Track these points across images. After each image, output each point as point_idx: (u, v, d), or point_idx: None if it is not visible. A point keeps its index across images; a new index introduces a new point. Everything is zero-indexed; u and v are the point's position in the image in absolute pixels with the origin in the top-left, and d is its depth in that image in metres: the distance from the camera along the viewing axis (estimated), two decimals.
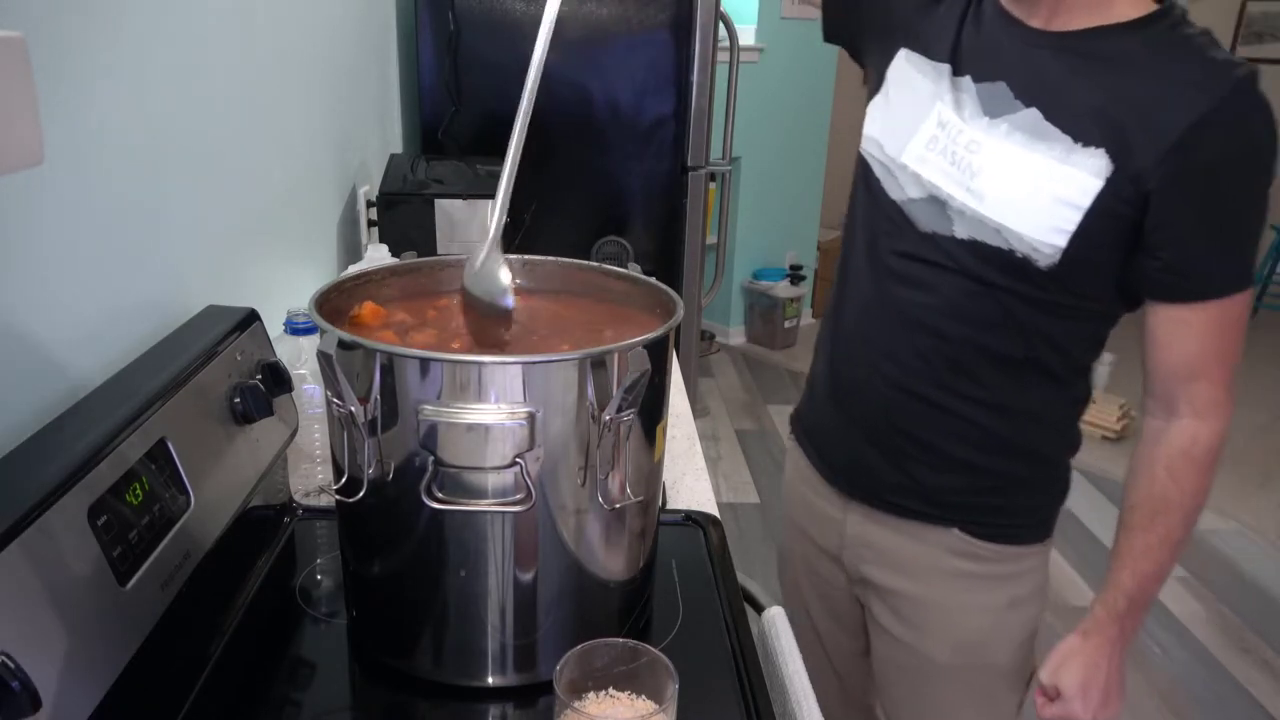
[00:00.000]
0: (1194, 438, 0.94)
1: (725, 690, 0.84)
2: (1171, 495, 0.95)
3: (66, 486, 0.63)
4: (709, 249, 2.83)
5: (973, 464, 1.03)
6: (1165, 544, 0.96)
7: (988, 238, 0.93)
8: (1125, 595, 0.98)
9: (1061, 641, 1.03)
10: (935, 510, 1.06)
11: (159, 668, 0.73)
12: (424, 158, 1.76)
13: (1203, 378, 0.93)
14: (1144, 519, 0.96)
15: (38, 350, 0.74)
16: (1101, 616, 1.00)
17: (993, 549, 1.05)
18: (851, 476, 1.13)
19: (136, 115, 0.88)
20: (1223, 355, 0.93)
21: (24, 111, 0.47)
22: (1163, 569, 0.98)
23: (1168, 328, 0.93)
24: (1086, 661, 1.00)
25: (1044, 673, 1.03)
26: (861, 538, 1.13)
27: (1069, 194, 0.89)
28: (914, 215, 0.99)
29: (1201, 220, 0.88)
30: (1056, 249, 0.90)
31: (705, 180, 2.29)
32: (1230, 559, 2.94)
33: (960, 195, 0.94)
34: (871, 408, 1.07)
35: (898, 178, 1.01)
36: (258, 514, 0.97)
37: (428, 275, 0.99)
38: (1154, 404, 0.97)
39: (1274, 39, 5.83)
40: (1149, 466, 0.97)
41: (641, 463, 0.82)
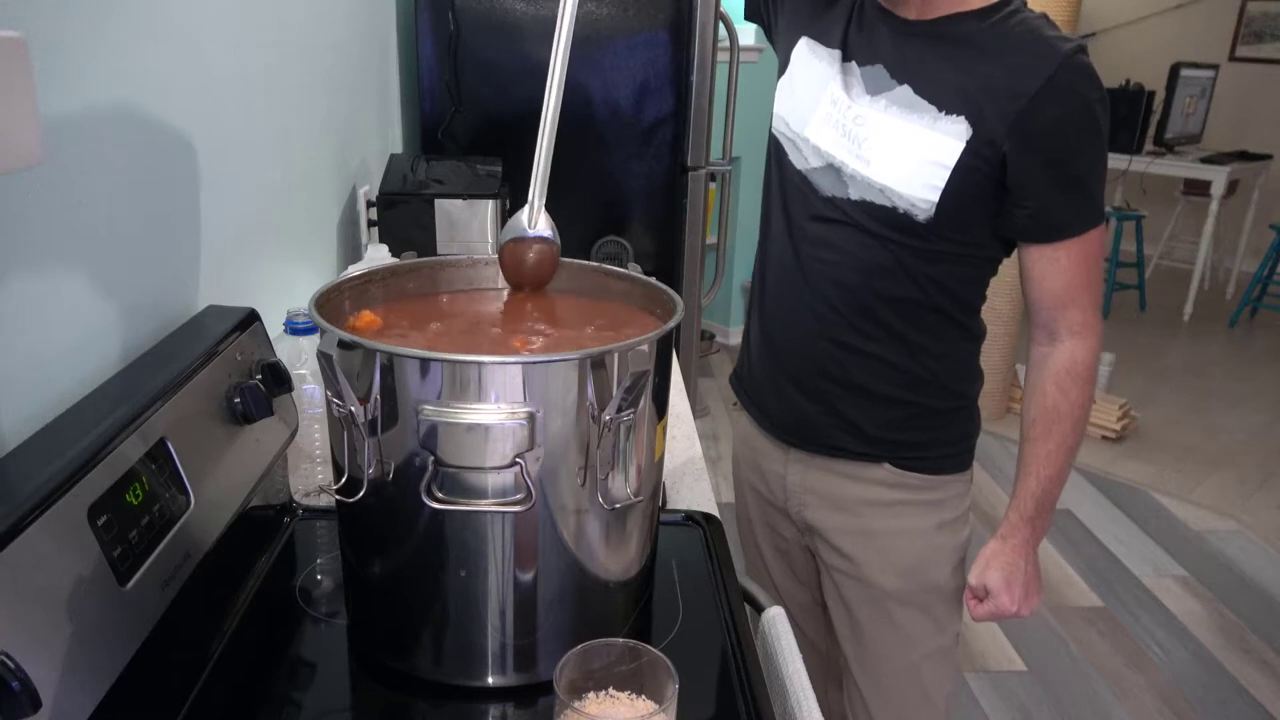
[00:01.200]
0: (1074, 356, 1.10)
1: (725, 690, 0.84)
2: (1062, 407, 1.10)
3: (66, 486, 0.63)
4: (709, 249, 2.83)
5: (893, 398, 1.16)
6: (1062, 449, 1.11)
7: (874, 197, 1.08)
8: (1033, 499, 1.13)
9: (983, 548, 1.17)
10: (867, 448, 1.18)
11: (159, 668, 0.73)
12: (424, 158, 1.76)
13: (1075, 305, 1.08)
14: (1042, 431, 1.11)
15: (38, 350, 0.74)
16: (1015, 520, 1.14)
17: (920, 479, 1.18)
18: (790, 426, 1.23)
19: (136, 115, 0.88)
20: (1089, 283, 1.08)
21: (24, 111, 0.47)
22: (1061, 472, 1.12)
23: (1040, 265, 1.08)
24: (1007, 561, 1.14)
25: (971, 575, 1.17)
26: (803, 484, 1.24)
27: (937, 155, 1.04)
28: (817, 182, 1.13)
29: (1053, 174, 1.03)
30: (930, 203, 1.05)
31: (705, 180, 2.29)
32: (1230, 559, 2.94)
33: (852, 162, 1.09)
34: (800, 358, 1.19)
35: (801, 150, 1.15)
36: (258, 514, 0.97)
37: (428, 275, 0.99)
38: (1038, 332, 1.13)
39: (1274, 39, 5.83)
40: (1041, 385, 1.12)
41: (641, 463, 0.82)
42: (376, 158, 1.85)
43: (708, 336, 4.72)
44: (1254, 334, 5.20)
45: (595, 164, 2.19)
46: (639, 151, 2.19)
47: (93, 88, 0.80)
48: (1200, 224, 5.31)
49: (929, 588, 1.21)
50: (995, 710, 2.23)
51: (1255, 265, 5.40)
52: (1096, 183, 1.06)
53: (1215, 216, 5.18)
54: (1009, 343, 3.60)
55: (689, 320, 2.47)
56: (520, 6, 2.06)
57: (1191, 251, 5.68)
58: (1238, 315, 5.31)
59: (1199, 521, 3.14)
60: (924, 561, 1.20)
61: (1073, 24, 3.40)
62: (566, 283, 1.01)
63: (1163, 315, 5.35)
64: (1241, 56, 5.92)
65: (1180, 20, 5.98)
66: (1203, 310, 5.37)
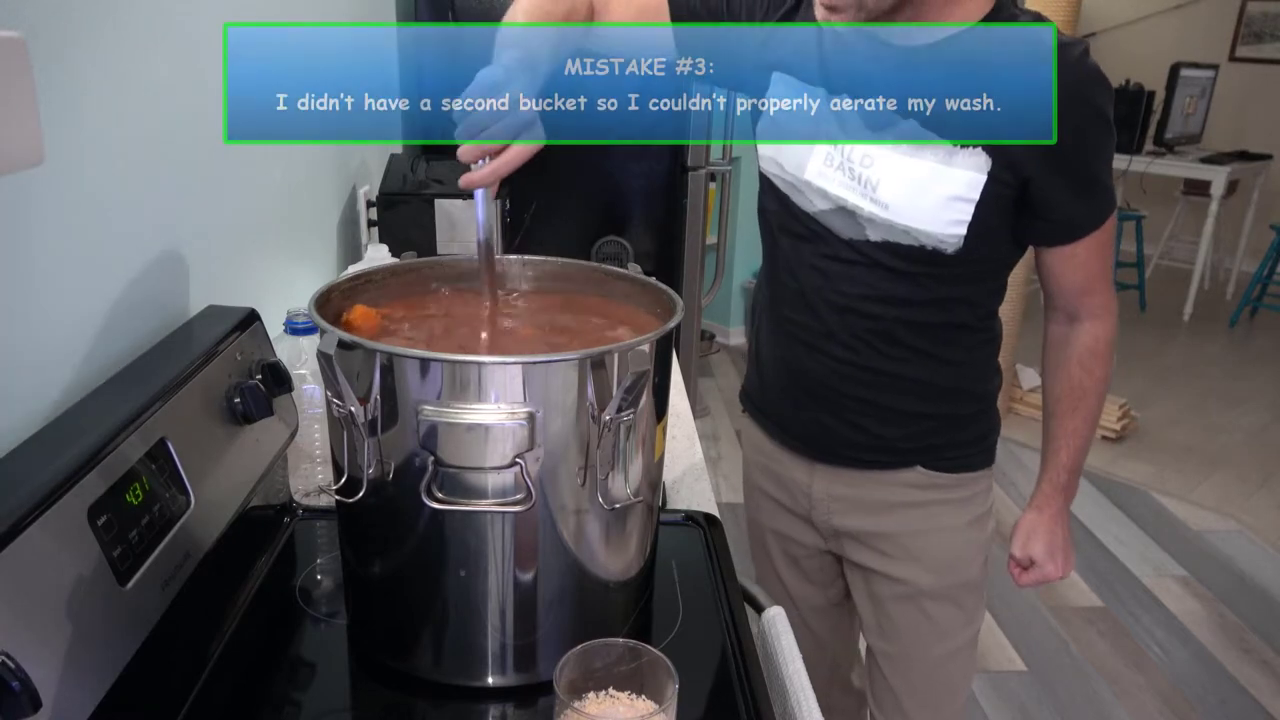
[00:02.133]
0: (1095, 336, 1.14)
1: (725, 690, 0.84)
2: (1087, 384, 1.15)
3: (66, 486, 0.63)
4: (709, 249, 2.83)
5: (920, 412, 1.16)
6: (1088, 422, 1.17)
7: (899, 238, 1.06)
8: (1065, 469, 1.18)
9: (1020, 520, 1.22)
10: (897, 457, 1.19)
11: (159, 668, 0.73)
12: (424, 158, 1.76)
13: (1094, 290, 1.12)
14: (1068, 407, 1.16)
15: (38, 350, 0.74)
16: (1049, 490, 1.20)
17: (950, 478, 1.20)
18: (813, 442, 1.23)
19: (136, 115, 0.88)
20: (1104, 268, 1.12)
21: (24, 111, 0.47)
22: (1087, 442, 1.18)
23: (1060, 262, 1.10)
24: (1046, 530, 1.20)
25: (1015, 548, 1.22)
26: (830, 494, 1.24)
27: (959, 190, 1.02)
28: (830, 224, 1.10)
29: (1075, 183, 1.04)
30: (959, 236, 1.04)
31: (705, 180, 2.29)
32: (1230, 559, 2.94)
33: (867, 206, 1.06)
34: (823, 384, 1.18)
35: (804, 193, 1.11)
36: (258, 514, 0.97)
37: (428, 275, 0.99)
38: (1056, 314, 1.16)
39: (1274, 39, 5.83)
40: (1064, 364, 1.16)
41: (641, 463, 0.82)
42: (376, 158, 1.85)
43: (708, 336, 4.72)
44: (1254, 334, 5.20)
45: (595, 164, 2.19)
46: (639, 151, 2.19)
47: (93, 88, 0.80)
48: (1200, 224, 5.31)
49: (961, 582, 1.23)
50: (995, 710, 2.23)
51: (1255, 265, 5.40)
52: (1109, 174, 1.07)
53: (1215, 216, 5.18)
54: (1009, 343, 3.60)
55: (689, 320, 2.47)
56: None
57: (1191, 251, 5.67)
58: (1238, 315, 5.31)
59: (1199, 521, 3.14)
60: (957, 557, 1.22)
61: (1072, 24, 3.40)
62: (566, 283, 1.01)
63: (1163, 315, 5.35)
64: (1241, 56, 5.92)
65: (1180, 20, 5.97)
66: (1203, 310, 5.37)
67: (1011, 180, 1.02)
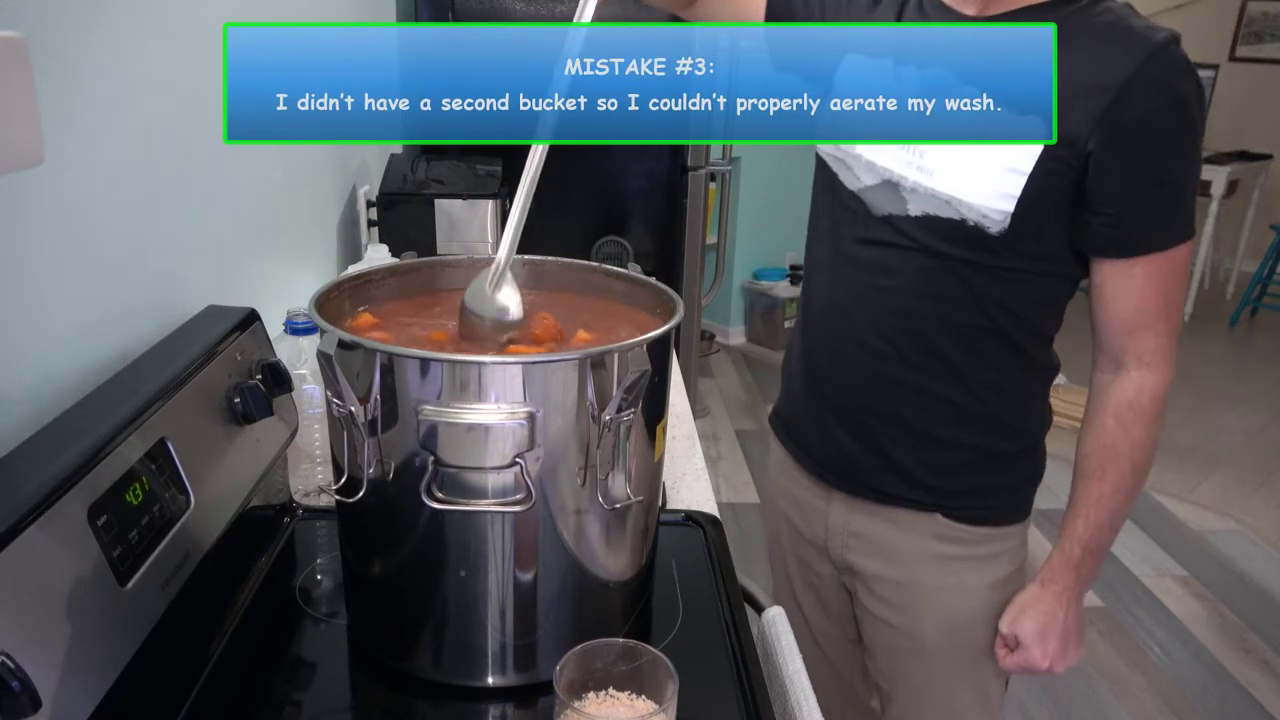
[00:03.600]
0: (1140, 388, 0.98)
1: (725, 690, 0.84)
2: (1121, 444, 0.99)
3: (66, 486, 0.63)
4: (709, 249, 2.83)
5: (944, 439, 1.06)
6: (1117, 492, 1.00)
7: (940, 210, 0.98)
8: (1080, 543, 1.02)
9: (1020, 592, 1.07)
10: (916, 494, 1.09)
11: (159, 668, 0.73)
12: (424, 158, 1.76)
13: (1147, 330, 0.97)
14: (1096, 468, 1.00)
15: (38, 350, 0.74)
16: (1058, 564, 1.03)
17: (973, 531, 1.08)
18: (831, 465, 1.15)
19: (136, 115, 0.88)
20: (1166, 307, 0.97)
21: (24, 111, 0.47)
22: (1115, 517, 1.01)
23: (1113, 282, 0.97)
24: (1044, 610, 1.04)
25: (1003, 623, 1.07)
26: (846, 527, 1.16)
27: (1012, 161, 0.94)
28: (871, 201, 1.03)
29: (1138, 176, 0.93)
30: (1005, 214, 0.95)
31: (705, 180, 2.29)
32: (1230, 559, 2.94)
33: (912, 175, 0.99)
34: (844, 392, 1.10)
35: (853, 168, 1.05)
36: (258, 514, 0.97)
37: (428, 275, 0.99)
38: (1102, 358, 1.02)
39: (1274, 39, 5.83)
40: (1099, 417, 1.01)
41: (641, 463, 0.82)
42: (376, 158, 1.85)
43: (708, 336, 4.72)
44: (1254, 334, 5.20)
45: (595, 164, 2.19)
46: (639, 151, 2.19)
47: (93, 88, 0.80)
48: (1200, 224, 5.31)
49: (975, 647, 1.11)
50: None
51: (1255, 265, 5.40)
52: (1185, 191, 0.95)
53: (1215, 216, 5.18)
54: None
55: (689, 320, 2.47)
56: (520, 6, 2.06)
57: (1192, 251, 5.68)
58: (1238, 315, 5.31)
59: (1199, 521, 3.14)
60: (972, 620, 1.11)
61: None
62: (566, 283, 1.01)
63: None
64: (1241, 56, 5.92)
65: (1180, 20, 5.97)
66: (1203, 310, 5.37)
67: (1069, 157, 0.92)
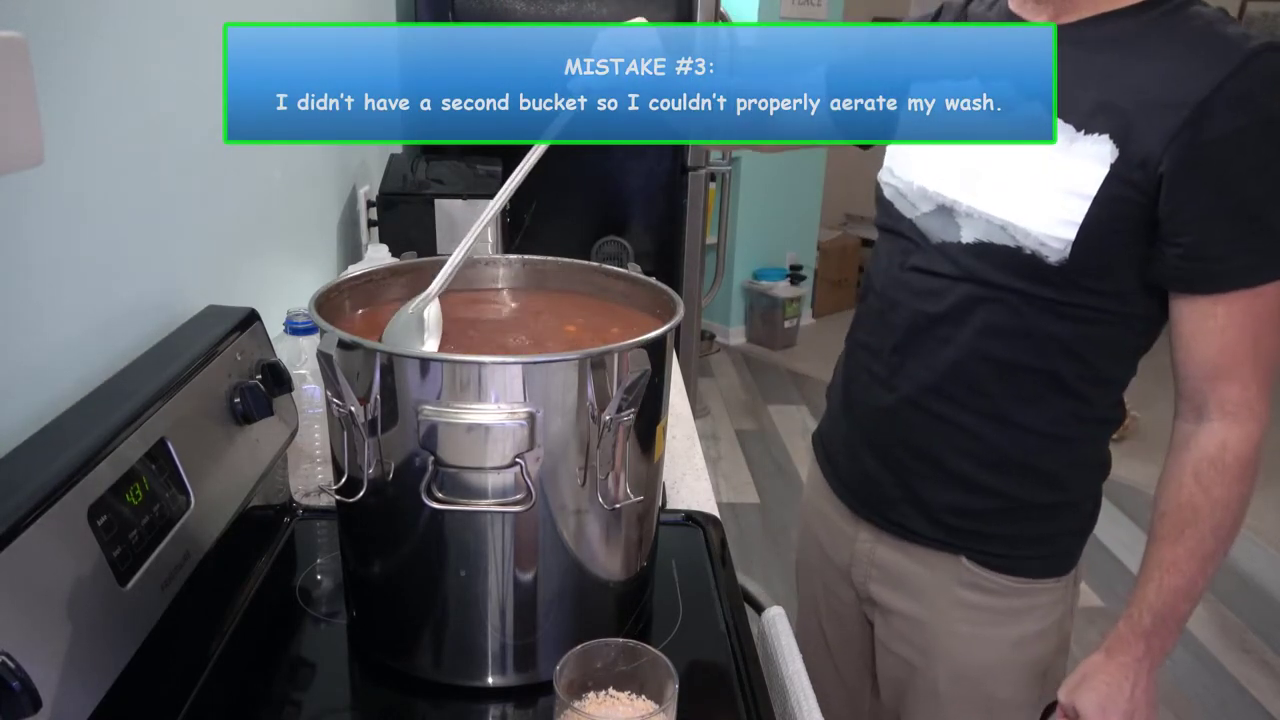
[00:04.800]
0: (1224, 443, 0.89)
1: (725, 690, 0.84)
2: (1200, 505, 0.90)
3: (66, 486, 0.63)
4: (709, 249, 2.83)
5: (975, 482, 1.00)
6: (1194, 557, 0.90)
7: (994, 237, 0.91)
8: (1150, 611, 0.92)
9: (1085, 659, 0.98)
10: (940, 534, 1.03)
11: (159, 668, 0.73)
12: (424, 158, 1.76)
13: (1232, 376, 0.87)
14: (1172, 530, 0.91)
15: (38, 350, 0.74)
16: (1125, 633, 0.94)
17: (1000, 581, 1.01)
18: (860, 492, 1.11)
19: (136, 115, 0.88)
20: (1254, 352, 0.86)
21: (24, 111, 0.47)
22: (1193, 584, 0.92)
23: (1193, 322, 0.87)
24: (1108, 681, 0.94)
25: (1063, 692, 0.98)
26: (869, 556, 1.12)
27: (1074, 184, 0.86)
28: (926, 229, 0.98)
29: (1219, 201, 0.83)
30: (1065, 242, 0.87)
31: (705, 180, 2.29)
32: (1230, 559, 2.93)
33: (966, 198, 0.93)
34: (877, 421, 1.06)
35: (908, 197, 1.01)
36: (258, 514, 0.97)
37: (428, 275, 0.98)
38: (1184, 405, 0.92)
39: None
40: (1178, 473, 0.91)
41: (641, 463, 0.82)
42: (376, 158, 1.85)
43: (708, 336, 4.72)
44: None
45: (595, 164, 2.19)
46: (639, 151, 2.19)
47: (93, 88, 0.80)
48: None
49: (989, 698, 1.05)
50: None
51: None
52: (1277, 220, 0.83)
53: None
54: None
55: (689, 320, 2.47)
56: (520, 6, 2.06)
57: None
58: None
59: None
60: (988, 673, 1.04)
61: None
62: (566, 283, 1.01)
63: None
64: None
65: None
66: None
67: (1140, 180, 0.84)
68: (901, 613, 1.09)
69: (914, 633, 1.08)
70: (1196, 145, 0.81)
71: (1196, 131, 0.81)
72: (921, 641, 1.08)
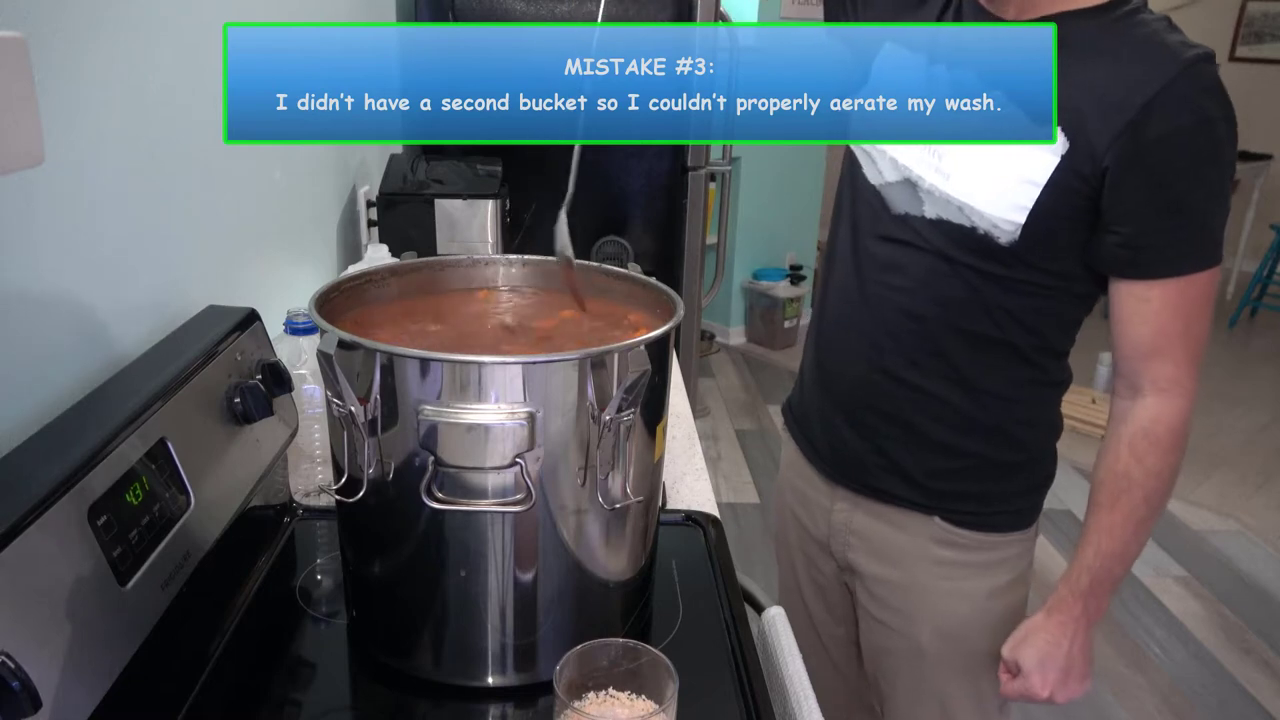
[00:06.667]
0: (1156, 416, 0.96)
1: (725, 690, 0.84)
2: (1134, 474, 0.97)
3: (66, 486, 0.63)
4: (709, 249, 2.83)
5: (947, 444, 1.05)
6: (1128, 522, 0.97)
7: (952, 215, 0.97)
8: (1089, 572, 0.99)
9: (1027, 619, 1.05)
10: (916, 496, 1.08)
11: (159, 668, 0.73)
12: (424, 158, 1.76)
13: (1164, 356, 0.94)
14: (1108, 497, 0.98)
15: (38, 350, 0.74)
16: (1064, 594, 1.01)
17: (973, 537, 1.07)
18: (836, 461, 1.15)
19: (136, 115, 0.88)
20: (1185, 334, 0.94)
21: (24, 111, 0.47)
22: (1127, 548, 0.99)
23: (1128, 305, 0.94)
24: (1047, 638, 1.02)
25: (1005, 648, 1.05)
26: (847, 524, 1.16)
27: (1027, 171, 0.92)
28: (889, 198, 1.03)
29: (1155, 196, 0.90)
30: (1015, 225, 0.93)
31: (705, 180, 2.29)
32: (1230, 559, 2.94)
33: (930, 176, 0.98)
34: (850, 390, 1.10)
35: (877, 163, 1.05)
36: (258, 514, 0.97)
37: (428, 275, 0.99)
38: (1119, 382, 0.99)
39: (1274, 39, 5.83)
40: (1114, 445, 0.98)
41: (641, 463, 0.82)
42: (376, 158, 1.85)
43: (708, 336, 4.72)
44: (1254, 334, 5.20)
45: (595, 164, 2.18)
46: (639, 151, 2.19)
47: (93, 88, 0.80)
48: None
49: (972, 653, 1.11)
50: None
51: (1255, 265, 5.40)
52: (1209, 216, 0.91)
53: None
54: None
55: (689, 320, 2.47)
56: (520, 6, 2.06)
57: None
58: (1237, 315, 5.31)
59: (1199, 521, 3.14)
60: (968, 626, 1.10)
61: None
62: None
63: None
64: (1241, 56, 5.92)
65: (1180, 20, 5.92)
66: None
67: (1086, 173, 0.90)
68: (881, 578, 1.14)
69: (894, 596, 1.13)
70: (1137, 143, 0.88)
71: (1138, 131, 0.87)
72: (902, 604, 1.13)
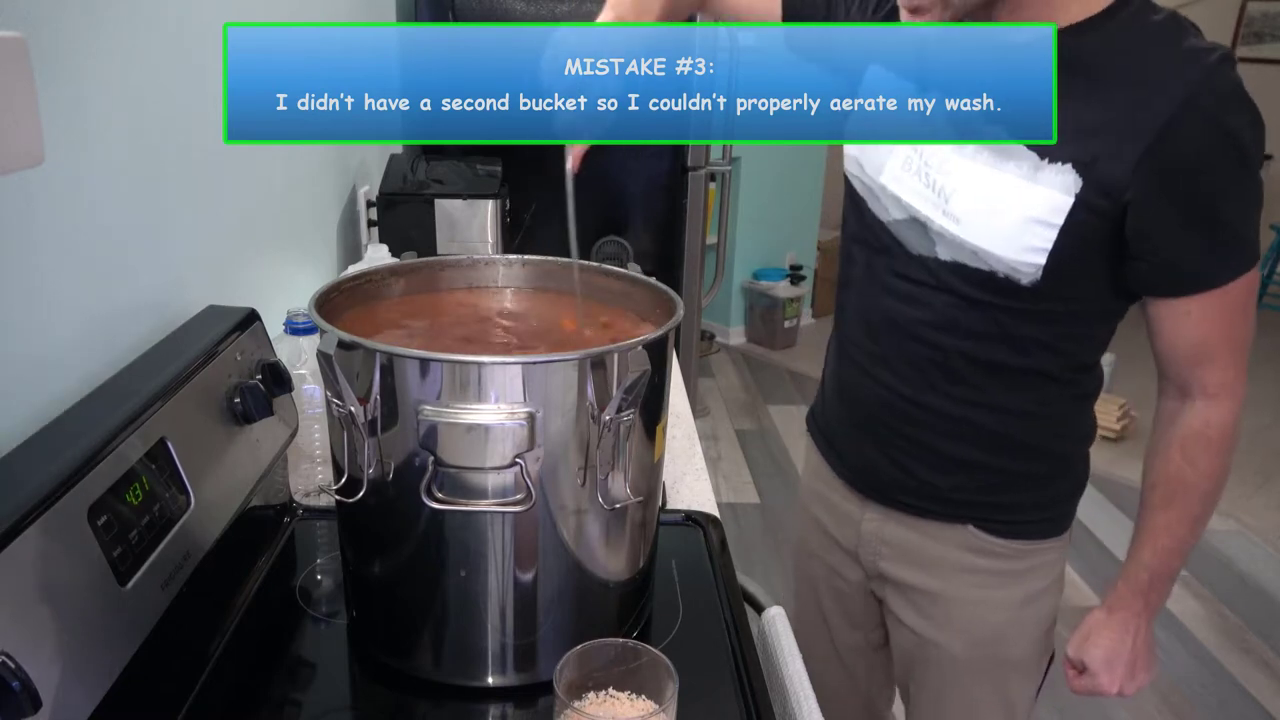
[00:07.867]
0: (1207, 420, 0.96)
1: (725, 690, 0.84)
2: (1188, 476, 0.97)
3: (66, 486, 0.63)
4: (709, 249, 2.83)
5: (975, 462, 1.04)
6: (1184, 521, 0.98)
7: (968, 260, 0.94)
8: (1148, 569, 1.00)
9: (1087, 616, 1.06)
10: (947, 509, 1.07)
11: (159, 668, 0.73)
12: (424, 158, 1.76)
13: (1211, 362, 0.94)
14: (1162, 499, 0.98)
15: (37, 350, 0.74)
16: (1124, 591, 1.02)
17: (1007, 545, 1.06)
18: (863, 476, 1.14)
19: (136, 116, 0.88)
20: (1229, 338, 0.93)
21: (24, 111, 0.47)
22: (1184, 544, 0.99)
23: (1168, 321, 0.92)
24: (1112, 636, 1.03)
25: (1070, 647, 1.06)
26: (878, 535, 1.14)
27: (1041, 213, 0.88)
28: (902, 237, 1.00)
29: (1188, 220, 0.86)
30: (1036, 267, 0.90)
31: (705, 180, 2.29)
32: (1230, 559, 2.94)
33: (938, 219, 0.95)
34: (873, 414, 1.08)
35: (880, 199, 1.02)
36: (258, 514, 0.97)
37: (428, 275, 0.99)
38: (1167, 385, 0.98)
39: (1274, 39, 5.83)
40: (1165, 448, 0.98)
41: (641, 463, 0.82)
42: (376, 158, 1.85)
43: (708, 336, 4.72)
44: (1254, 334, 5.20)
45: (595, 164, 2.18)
46: (639, 151, 2.19)
47: (93, 88, 0.80)
48: None
49: (1003, 661, 1.11)
50: None
51: None
52: (1242, 223, 0.87)
53: None
54: None
55: (689, 320, 2.47)
56: (520, 7, 2.06)
57: None
58: None
59: None
60: (1001, 635, 1.10)
61: None
62: (566, 282, 1.01)
63: None
64: (1241, 57, 5.91)
65: None
66: None
67: (1106, 208, 0.86)
68: (914, 585, 1.12)
69: (928, 604, 1.11)
70: (1160, 172, 0.83)
71: (1161, 157, 0.83)
72: (936, 612, 1.11)
